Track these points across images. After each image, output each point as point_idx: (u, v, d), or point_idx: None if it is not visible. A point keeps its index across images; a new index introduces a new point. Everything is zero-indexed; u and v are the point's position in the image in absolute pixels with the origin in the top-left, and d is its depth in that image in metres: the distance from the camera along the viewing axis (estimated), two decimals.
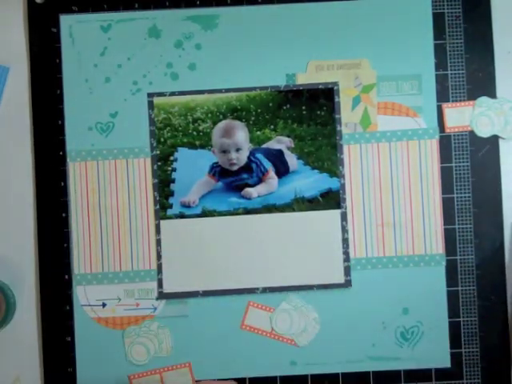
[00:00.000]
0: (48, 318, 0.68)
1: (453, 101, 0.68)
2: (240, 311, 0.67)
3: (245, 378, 0.67)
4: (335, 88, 0.68)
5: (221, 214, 0.67)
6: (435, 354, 0.67)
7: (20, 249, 0.68)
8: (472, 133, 0.68)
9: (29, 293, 0.68)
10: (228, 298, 0.67)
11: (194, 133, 0.68)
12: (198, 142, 0.68)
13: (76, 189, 0.68)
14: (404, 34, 0.68)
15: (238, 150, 0.68)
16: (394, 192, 0.67)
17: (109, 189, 0.68)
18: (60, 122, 0.68)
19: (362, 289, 0.67)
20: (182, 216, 0.67)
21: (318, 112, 0.68)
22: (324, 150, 0.68)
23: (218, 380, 0.65)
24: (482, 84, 0.68)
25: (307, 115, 0.68)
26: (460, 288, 0.67)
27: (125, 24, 0.68)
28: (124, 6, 0.69)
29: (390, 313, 0.67)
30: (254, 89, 0.68)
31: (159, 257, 0.67)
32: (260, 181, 0.68)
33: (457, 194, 0.68)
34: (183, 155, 0.68)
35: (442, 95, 0.68)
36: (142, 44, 0.68)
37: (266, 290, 0.67)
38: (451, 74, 0.68)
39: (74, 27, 0.68)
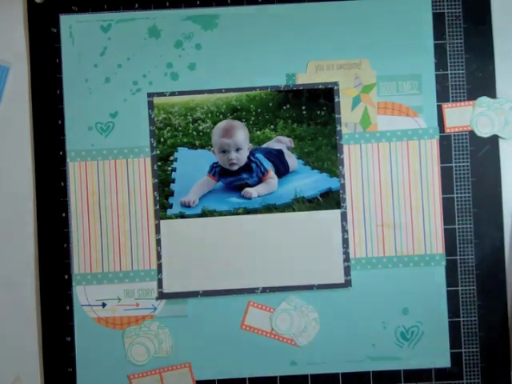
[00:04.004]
0: (48, 317, 0.68)
1: (453, 101, 0.68)
2: (240, 311, 0.67)
3: (245, 378, 0.67)
4: (335, 88, 0.68)
5: (221, 214, 0.67)
6: (435, 353, 0.67)
7: (20, 249, 0.68)
8: (472, 133, 0.68)
9: (29, 293, 0.68)
10: (228, 298, 0.67)
11: (194, 133, 0.68)
12: (197, 142, 0.68)
13: (76, 189, 0.68)
14: (404, 33, 0.68)
15: (237, 149, 0.68)
16: (394, 192, 0.67)
17: (109, 189, 0.68)
18: (60, 122, 0.68)
19: (362, 289, 0.67)
20: (182, 216, 0.67)
21: (318, 112, 0.68)
22: (324, 150, 0.68)
23: None
24: (481, 84, 0.68)
25: (307, 115, 0.68)
26: (460, 288, 0.67)
27: (125, 24, 0.68)
28: (124, 6, 0.69)
29: (390, 313, 0.67)
30: (254, 89, 0.68)
31: (159, 257, 0.67)
32: (260, 181, 0.68)
33: (457, 194, 0.68)
34: (183, 155, 0.68)
35: (442, 95, 0.68)
36: (142, 44, 0.68)
37: (265, 289, 0.67)
38: (451, 73, 0.68)
39: (74, 27, 0.68)
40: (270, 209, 0.67)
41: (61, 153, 0.68)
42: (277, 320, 0.67)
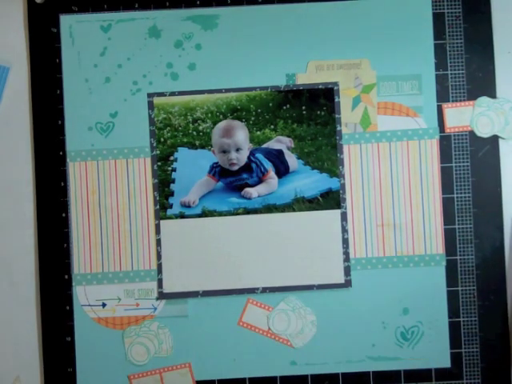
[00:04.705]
0: (48, 317, 0.68)
1: (453, 101, 0.68)
2: (240, 311, 0.67)
3: (245, 378, 0.67)
4: (335, 88, 0.68)
5: (221, 214, 0.67)
6: (435, 354, 0.67)
7: (20, 249, 0.68)
8: (472, 133, 0.68)
9: (29, 293, 0.68)
10: (228, 298, 0.67)
11: (194, 133, 0.68)
12: (197, 142, 0.68)
13: (76, 189, 0.68)
14: (404, 34, 0.68)
15: (238, 150, 0.68)
16: (394, 192, 0.67)
17: (109, 189, 0.68)
18: (60, 122, 0.68)
19: (362, 289, 0.67)
20: (182, 216, 0.67)
21: (318, 112, 0.68)
22: (324, 150, 0.68)
23: None
24: (481, 84, 0.68)
25: (307, 115, 0.68)
26: (460, 288, 0.67)
27: (125, 24, 0.68)
28: (124, 6, 0.69)
29: (390, 313, 0.67)
30: (254, 89, 0.68)
31: (159, 257, 0.67)
32: (260, 181, 0.68)
33: (457, 194, 0.68)
34: (183, 155, 0.68)
35: (442, 95, 0.68)
36: (142, 44, 0.68)
37: (266, 290, 0.67)
38: (451, 74, 0.68)
39: (73, 27, 0.68)
40: (270, 209, 0.67)
41: (61, 153, 0.68)
42: (274, 319, 0.67)
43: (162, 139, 0.68)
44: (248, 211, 0.67)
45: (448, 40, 0.68)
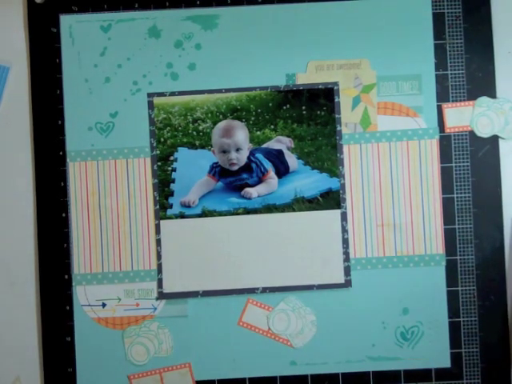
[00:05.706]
0: (48, 317, 0.68)
1: (453, 101, 0.68)
2: (240, 311, 0.67)
3: (245, 378, 0.67)
4: (335, 88, 0.68)
5: (221, 214, 0.67)
6: (435, 354, 0.67)
7: (20, 249, 0.68)
8: (472, 133, 0.68)
9: (29, 293, 0.68)
10: (228, 298, 0.67)
11: (194, 133, 0.68)
12: (197, 142, 0.68)
13: (76, 189, 0.68)
14: (404, 34, 0.68)
15: (237, 150, 0.68)
16: (393, 192, 0.67)
17: (109, 189, 0.68)
18: (60, 122, 0.68)
19: (361, 289, 0.67)
20: (181, 216, 0.67)
21: (318, 112, 0.68)
22: (324, 150, 0.68)
23: None
24: (481, 84, 0.68)
25: (307, 115, 0.68)
26: (460, 288, 0.67)
27: (125, 24, 0.68)
28: (124, 6, 0.69)
29: (390, 313, 0.67)
30: (254, 89, 0.68)
31: (159, 257, 0.67)
32: (260, 181, 0.68)
33: (457, 194, 0.68)
34: (183, 155, 0.68)
35: (442, 95, 0.68)
36: (142, 44, 0.68)
37: (266, 290, 0.67)
38: (451, 74, 0.68)
39: (73, 27, 0.68)
40: (270, 209, 0.67)
41: (61, 153, 0.68)
42: (274, 320, 0.67)
43: (162, 139, 0.68)
44: (248, 211, 0.67)
45: (448, 40, 0.68)
